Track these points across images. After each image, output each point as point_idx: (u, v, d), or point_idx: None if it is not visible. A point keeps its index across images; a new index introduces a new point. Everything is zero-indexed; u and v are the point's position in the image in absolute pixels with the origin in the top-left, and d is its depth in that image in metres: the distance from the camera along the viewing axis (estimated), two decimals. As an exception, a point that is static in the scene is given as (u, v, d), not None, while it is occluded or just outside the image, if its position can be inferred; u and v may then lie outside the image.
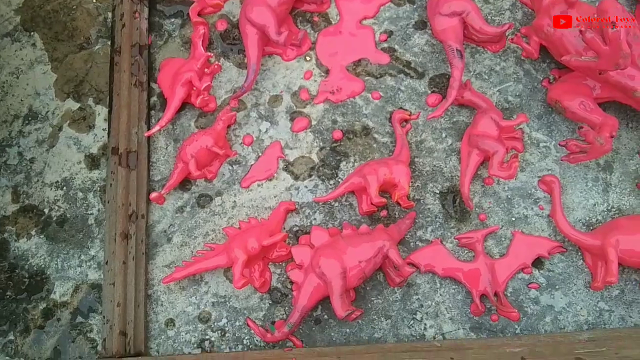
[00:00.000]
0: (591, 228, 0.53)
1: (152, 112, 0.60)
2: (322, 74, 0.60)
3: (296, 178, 0.57)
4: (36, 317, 0.55)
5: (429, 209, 0.55)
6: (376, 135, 0.58)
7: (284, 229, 0.55)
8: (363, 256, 0.50)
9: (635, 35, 0.50)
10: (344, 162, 0.57)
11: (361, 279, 0.50)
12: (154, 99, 0.61)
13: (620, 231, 0.50)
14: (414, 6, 0.62)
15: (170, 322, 0.54)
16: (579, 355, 0.47)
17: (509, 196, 0.55)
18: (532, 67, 0.59)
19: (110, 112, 0.59)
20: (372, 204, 0.53)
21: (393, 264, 0.51)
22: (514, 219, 0.54)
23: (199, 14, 0.61)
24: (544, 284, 0.52)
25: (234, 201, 0.57)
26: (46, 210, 0.58)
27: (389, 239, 0.51)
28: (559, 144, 0.55)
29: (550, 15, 0.54)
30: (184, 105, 0.59)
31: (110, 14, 0.63)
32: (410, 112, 0.58)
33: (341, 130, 0.58)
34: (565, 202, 0.54)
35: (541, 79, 0.58)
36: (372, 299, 0.53)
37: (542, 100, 0.57)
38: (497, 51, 0.59)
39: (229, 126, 0.58)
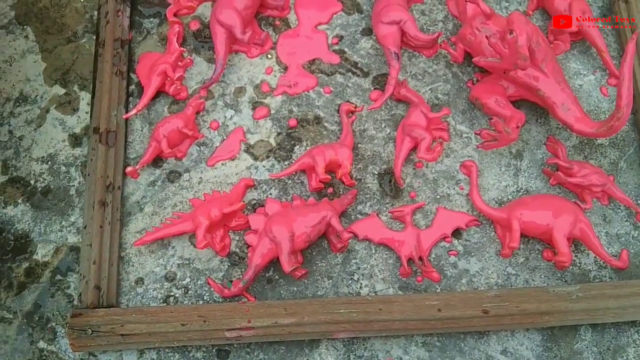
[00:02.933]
0: (503, 205, 0.60)
1: (130, 98, 0.65)
2: (281, 70, 0.66)
3: (255, 159, 0.63)
4: (19, 275, 0.59)
5: (368, 187, 0.61)
6: (326, 124, 0.64)
7: (244, 201, 0.61)
8: (309, 223, 0.55)
9: (538, 42, 0.58)
10: (297, 146, 0.63)
11: (307, 242, 0.56)
12: (132, 87, 0.66)
13: (524, 207, 0.57)
14: (362, 15, 0.68)
15: (139, 281, 0.58)
16: (485, 308, 0.54)
17: (435, 178, 0.61)
18: (459, 70, 0.66)
19: (93, 96, 0.64)
20: (319, 180, 0.59)
21: (334, 231, 0.57)
22: (438, 196, 0.61)
23: (175, 15, 0.67)
24: (461, 252, 0.58)
25: (200, 177, 0.62)
26: (32, 182, 0.62)
27: (332, 210, 0.57)
28: (475, 133, 0.62)
29: (472, 25, 0.62)
30: (159, 93, 0.65)
31: (96, 12, 0.68)
32: (356, 105, 0.64)
33: (296, 119, 0.64)
34: (482, 184, 0.61)
35: (466, 80, 0.65)
36: (317, 262, 0.58)
37: (466, 98, 0.64)
38: (430, 56, 0.66)
39: (197, 112, 0.64)
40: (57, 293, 0.58)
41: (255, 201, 0.61)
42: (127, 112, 0.64)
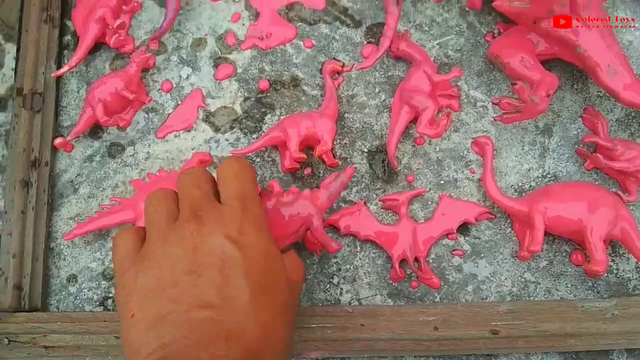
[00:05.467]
0: (523, 194, 0.46)
1: (65, 51, 0.51)
2: (251, 17, 0.51)
3: (217, 130, 0.49)
4: None
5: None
6: (305, 87, 0.50)
7: (200, 183, 0.48)
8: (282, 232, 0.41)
9: (583, -19, 0.42)
10: (269, 115, 0.49)
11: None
12: (67, 37, 0.52)
13: (550, 198, 0.43)
14: (356, -52, 0.52)
15: (72, 278, 0.47)
16: (495, 327, 0.41)
17: (440, 157, 0.47)
18: (476, 20, 0.50)
19: (18, 50, 0.50)
20: (293, 159, 0.46)
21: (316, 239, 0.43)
22: (442, 181, 0.47)
23: (119, -55, 0.51)
24: (468, 252, 0.45)
25: (148, 152, 0.49)
26: (-54, 154, 0.50)
27: (314, 209, 0.42)
28: (492, 102, 0.47)
29: (496, -41, 0.46)
30: (100, 46, 0.51)
31: (24, -58, 0.53)
32: (343, 64, 0.50)
33: (268, 80, 0.50)
34: (498, 166, 0.47)
35: (485, 32, 0.50)
36: (288, 260, 0.46)
37: (483, 56, 0.49)
38: (440, 0, 0.51)
39: (145, 70, 0.50)
40: (-25, 290, 0.47)
41: (214, 183, 0.48)
42: (59, 68, 0.50)
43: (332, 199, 0.44)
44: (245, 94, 0.50)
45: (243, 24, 0.51)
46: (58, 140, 0.47)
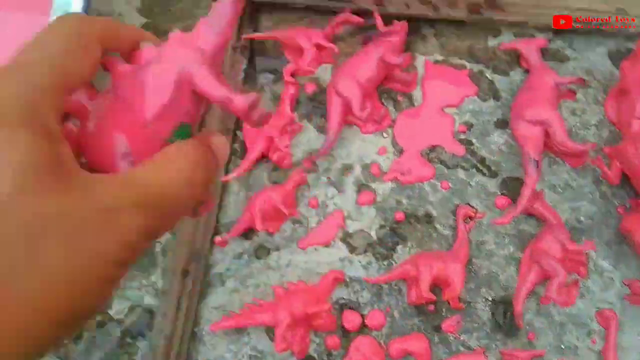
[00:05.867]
0: (644, 374, 0.47)
1: (233, 157, 0.59)
2: (396, 153, 0.57)
3: (352, 251, 0.54)
4: (91, 328, 0.54)
5: (477, 314, 0.50)
6: (437, 226, 0.54)
7: (331, 299, 0.52)
8: None
9: None
10: (401, 245, 0.54)
11: None
12: (236, 145, 0.59)
13: (677, 391, 0.44)
14: (499, 103, 0.57)
15: (207, 363, 0.52)
16: None
17: (563, 321, 0.49)
18: (609, 191, 0.53)
19: (194, 150, 0.58)
20: (421, 298, 0.49)
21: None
22: (563, 346, 0.48)
23: (292, 75, 0.59)
24: (582, 422, 0.46)
25: (289, 259, 0.54)
26: (120, 229, 0.58)
27: (193, 55, 0.22)
28: (623, 282, 0.49)
29: (637, 144, 0.49)
30: (261, 157, 0.58)
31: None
32: (476, 211, 0.53)
33: (404, 213, 0.54)
34: (620, 341, 0.48)
35: (617, 204, 0.52)
36: (402, 390, 0.49)
37: (614, 227, 0.51)
38: (576, 166, 0.54)
39: (299, 185, 0.56)
40: (124, 356, 0.53)
41: (344, 300, 0.52)
42: (226, 173, 0.57)
43: (221, 33, 0.22)
44: (382, 222, 0.55)
45: (388, 158, 0.57)
46: (219, 239, 0.54)
